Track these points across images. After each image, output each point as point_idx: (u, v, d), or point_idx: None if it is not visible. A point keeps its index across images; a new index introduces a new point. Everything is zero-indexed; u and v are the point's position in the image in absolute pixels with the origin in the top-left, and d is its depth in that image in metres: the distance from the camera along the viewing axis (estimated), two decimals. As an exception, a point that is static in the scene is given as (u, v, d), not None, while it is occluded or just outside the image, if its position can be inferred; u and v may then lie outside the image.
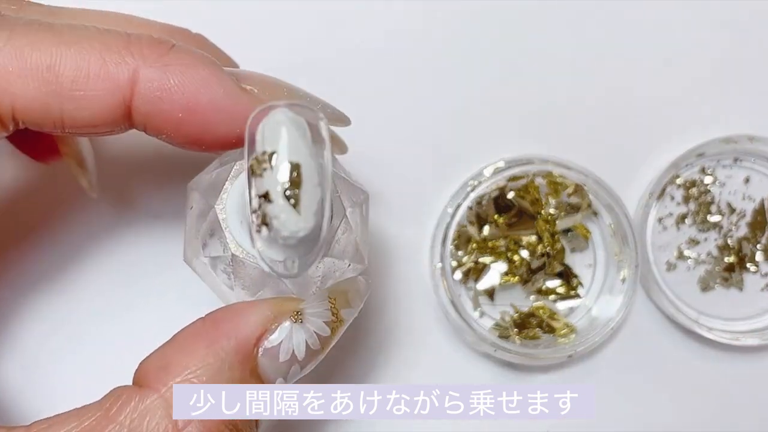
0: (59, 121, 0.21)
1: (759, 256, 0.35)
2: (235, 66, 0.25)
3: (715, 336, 0.33)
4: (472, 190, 0.33)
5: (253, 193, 0.19)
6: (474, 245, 0.34)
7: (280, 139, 0.19)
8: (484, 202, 0.34)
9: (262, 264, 0.21)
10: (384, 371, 0.34)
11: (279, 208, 0.19)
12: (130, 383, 0.23)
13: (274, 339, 0.23)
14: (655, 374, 0.35)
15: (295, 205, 0.19)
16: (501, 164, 0.34)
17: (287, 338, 0.23)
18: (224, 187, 0.23)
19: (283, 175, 0.19)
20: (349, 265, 0.25)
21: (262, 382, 0.23)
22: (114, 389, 0.22)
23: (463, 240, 0.34)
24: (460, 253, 0.34)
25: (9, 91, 0.20)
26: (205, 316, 0.23)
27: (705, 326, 0.34)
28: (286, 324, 0.23)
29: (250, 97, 0.22)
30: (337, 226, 0.23)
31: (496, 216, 0.34)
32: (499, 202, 0.34)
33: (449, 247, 0.33)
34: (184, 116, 0.21)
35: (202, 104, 0.21)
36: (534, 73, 0.35)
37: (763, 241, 0.35)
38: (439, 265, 0.33)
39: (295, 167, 0.19)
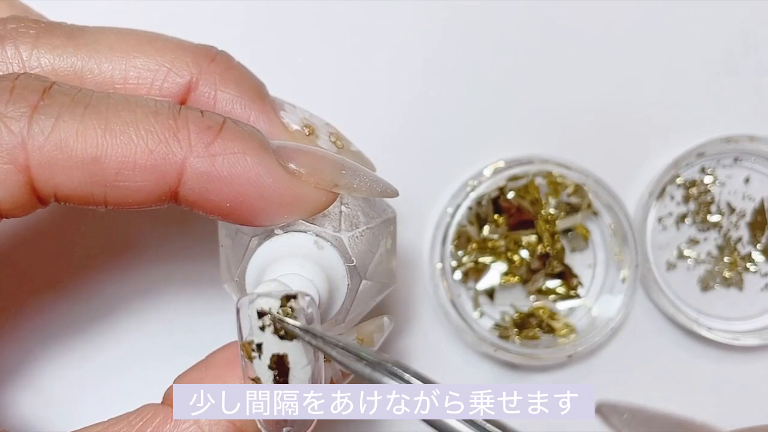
0: (102, 203, 0.21)
1: (759, 256, 0.35)
2: (261, 87, 0.25)
3: (715, 336, 0.33)
4: (472, 190, 0.33)
5: (247, 374, 0.21)
6: (474, 245, 0.34)
7: (265, 334, 0.20)
8: (483, 202, 0.34)
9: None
10: (384, 371, 0.34)
11: None
12: (140, 394, 0.23)
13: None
14: (655, 374, 0.35)
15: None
16: (501, 164, 0.34)
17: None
18: (242, 261, 0.24)
19: (270, 366, 0.20)
20: (374, 300, 0.26)
21: None
22: (144, 407, 0.22)
23: (463, 240, 0.34)
24: (460, 253, 0.34)
25: (52, 182, 0.20)
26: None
27: (705, 326, 0.34)
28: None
29: (298, 183, 0.21)
30: (353, 296, 0.24)
31: (496, 216, 0.34)
32: (499, 202, 0.34)
33: (449, 247, 0.33)
34: (232, 206, 0.21)
35: (249, 195, 0.21)
36: (534, 72, 0.35)
37: (763, 240, 0.35)
38: (439, 265, 0.33)
39: (282, 358, 0.20)
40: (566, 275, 0.34)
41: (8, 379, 0.33)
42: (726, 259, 0.35)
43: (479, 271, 0.34)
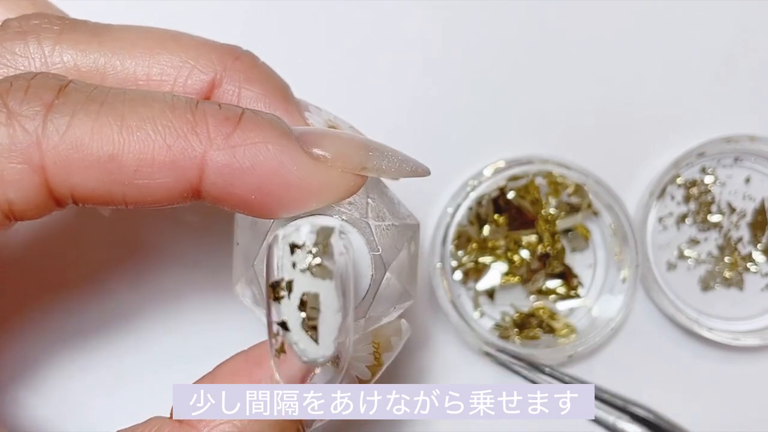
0: (121, 203, 0.20)
1: (759, 256, 0.35)
2: (286, 87, 0.24)
3: (716, 336, 0.33)
4: (472, 190, 0.33)
5: (272, 318, 0.19)
6: (474, 245, 0.34)
7: (296, 270, 0.19)
8: (484, 202, 0.34)
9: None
10: (384, 371, 0.34)
11: (297, 336, 0.19)
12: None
13: (317, 381, 0.22)
14: (655, 374, 0.35)
15: (313, 335, 0.19)
16: (501, 164, 0.34)
17: (331, 381, 0.22)
18: (262, 246, 0.23)
19: (301, 306, 0.19)
20: (395, 307, 0.25)
21: (299, 425, 0.23)
22: (152, 420, 0.22)
23: (463, 240, 0.34)
24: (460, 253, 0.34)
25: (68, 182, 0.19)
26: (248, 351, 0.23)
27: (705, 326, 0.34)
28: (329, 367, 0.22)
29: (324, 168, 0.21)
30: (376, 288, 0.23)
31: (496, 216, 0.34)
32: (499, 202, 0.34)
33: (449, 247, 0.33)
34: (257, 197, 0.20)
35: (274, 185, 0.20)
36: (534, 73, 0.35)
37: (764, 240, 0.35)
38: (439, 265, 0.33)
39: (313, 297, 0.19)
40: (566, 275, 0.34)
41: (18, 383, 0.33)
42: (726, 259, 0.35)
43: (479, 271, 0.34)
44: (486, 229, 0.34)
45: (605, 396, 0.19)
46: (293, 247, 0.19)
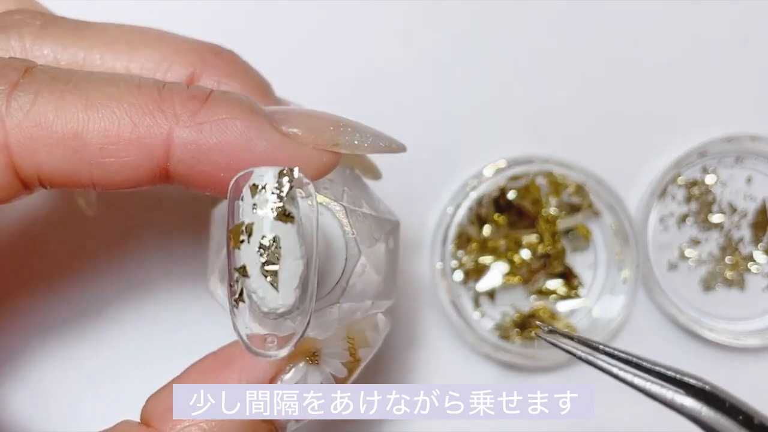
0: (89, 184, 0.20)
1: (761, 257, 0.35)
2: (266, 85, 0.24)
3: (717, 336, 0.33)
4: (473, 190, 0.33)
5: (231, 265, 0.18)
6: (474, 245, 0.34)
7: (257, 214, 0.18)
8: (484, 202, 0.34)
9: (239, 341, 0.19)
10: (384, 371, 0.34)
11: (256, 283, 0.18)
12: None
13: (288, 380, 0.22)
14: (656, 375, 0.35)
15: (273, 281, 0.18)
16: (502, 164, 0.33)
17: (302, 380, 0.22)
18: None
19: (260, 250, 0.18)
20: (372, 303, 0.24)
21: (273, 425, 0.23)
22: (121, 424, 0.22)
23: (463, 240, 0.34)
24: (460, 253, 0.34)
25: (34, 161, 0.19)
26: (218, 351, 0.23)
27: (706, 327, 0.34)
28: (302, 365, 0.22)
29: (294, 144, 0.20)
30: (350, 272, 0.22)
31: (496, 216, 0.34)
32: (500, 202, 0.34)
33: (449, 247, 0.33)
34: (227, 175, 0.19)
35: (244, 161, 0.19)
36: (535, 72, 0.35)
37: (765, 240, 0.35)
38: (440, 265, 0.33)
39: (274, 241, 0.18)
40: (567, 275, 0.34)
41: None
42: (728, 259, 0.35)
43: (480, 271, 0.34)
44: (486, 229, 0.34)
45: (659, 369, 0.19)
46: (254, 190, 0.18)
